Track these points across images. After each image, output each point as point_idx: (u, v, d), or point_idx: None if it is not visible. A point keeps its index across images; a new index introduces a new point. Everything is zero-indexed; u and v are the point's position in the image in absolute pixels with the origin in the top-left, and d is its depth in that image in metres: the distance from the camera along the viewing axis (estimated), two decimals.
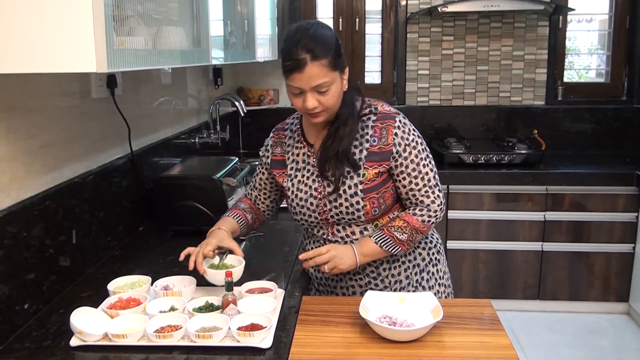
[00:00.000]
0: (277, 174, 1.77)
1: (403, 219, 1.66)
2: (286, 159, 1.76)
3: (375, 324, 1.41)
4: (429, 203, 1.67)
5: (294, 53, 1.50)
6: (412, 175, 1.65)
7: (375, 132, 1.64)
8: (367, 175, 1.63)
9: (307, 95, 1.54)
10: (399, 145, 1.63)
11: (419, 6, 3.95)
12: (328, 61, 1.51)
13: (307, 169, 1.71)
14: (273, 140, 1.81)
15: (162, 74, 2.61)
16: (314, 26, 1.55)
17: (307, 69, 1.50)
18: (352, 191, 1.63)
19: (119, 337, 1.36)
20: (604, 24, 4.10)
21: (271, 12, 3.45)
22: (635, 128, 3.96)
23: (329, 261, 1.61)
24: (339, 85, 1.57)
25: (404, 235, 1.65)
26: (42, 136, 1.65)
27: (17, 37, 1.17)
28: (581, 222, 3.51)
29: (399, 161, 1.64)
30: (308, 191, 1.69)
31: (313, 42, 1.50)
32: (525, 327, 3.49)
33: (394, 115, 1.66)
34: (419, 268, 1.78)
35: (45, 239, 1.61)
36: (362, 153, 1.64)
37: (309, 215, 1.70)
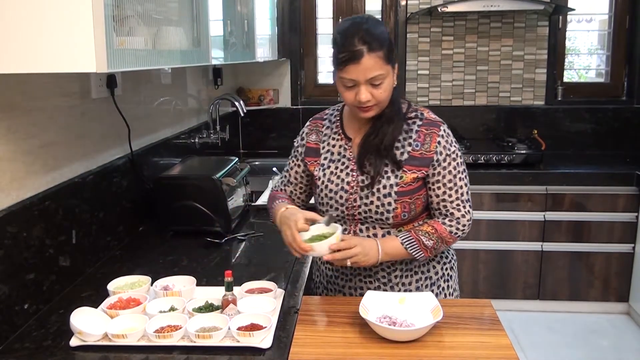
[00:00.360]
0: (309, 161, 1.76)
1: (431, 226, 1.65)
2: (320, 147, 1.75)
3: (375, 324, 1.41)
4: (459, 216, 1.67)
5: (351, 44, 1.50)
6: (448, 186, 1.65)
7: (419, 137, 1.64)
8: (405, 179, 1.62)
9: (361, 87, 1.54)
10: (440, 154, 1.63)
11: (418, 6, 3.95)
12: (383, 54, 1.51)
13: (342, 162, 1.70)
14: (309, 128, 1.80)
15: (162, 74, 2.61)
16: (370, 20, 1.56)
17: (363, 60, 1.50)
18: (387, 191, 1.61)
19: (118, 337, 1.37)
20: (603, 24, 4.10)
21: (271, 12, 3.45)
22: (635, 128, 3.96)
23: (354, 256, 1.56)
24: (391, 79, 1.58)
25: (430, 241, 1.63)
26: (42, 136, 1.65)
27: (17, 37, 1.17)
28: (581, 222, 3.51)
29: (437, 170, 1.63)
30: (340, 184, 1.67)
31: (370, 35, 1.50)
32: (525, 327, 3.49)
33: (439, 124, 1.66)
34: (431, 281, 1.75)
35: (45, 239, 1.61)
36: (403, 155, 1.63)
37: (336, 209, 1.68)
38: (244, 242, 2.16)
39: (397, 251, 1.63)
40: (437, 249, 1.66)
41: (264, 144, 4.19)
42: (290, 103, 4.18)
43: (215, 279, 1.78)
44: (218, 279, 1.78)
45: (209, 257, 2.00)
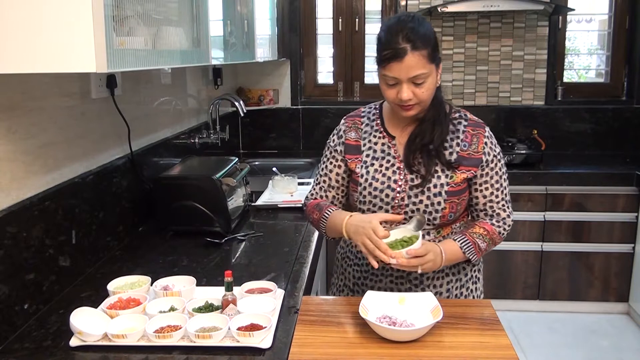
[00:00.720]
0: (349, 159, 1.72)
1: (483, 227, 1.66)
2: (361, 144, 1.72)
3: (375, 324, 1.41)
4: (504, 217, 1.68)
5: (394, 42, 1.50)
6: (495, 187, 1.66)
7: (466, 137, 1.64)
8: (456, 179, 1.62)
9: (403, 86, 1.54)
10: (488, 154, 1.64)
11: (418, 6, 3.95)
12: (427, 52, 1.52)
13: (387, 160, 1.68)
14: (346, 126, 1.76)
15: (161, 74, 2.61)
16: (415, 18, 1.55)
17: (406, 58, 1.50)
18: (437, 190, 1.61)
19: (118, 337, 1.36)
20: (603, 24, 4.11)
21: (271, 12, 3.45)
22: (635, 128, 3.97)
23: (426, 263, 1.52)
24: (434, 79, 1.58)
25: (484, 243, 1.64)
26: (41, 136, 1.65)
27: (17, 37, 1.17)
28: (581, 222, 3.51)
29: (486, 171, 1.64)
30: (386, 182, 1.65)
31: (414, 33, 1.50)
32: (525, 327, 3.49)
33: (483, 125, 1.68)
34: (460, 283, 1.75)
35: (45, 239, 1.61)
36: (452, 155, 1.63)
37: (380, 207, 1.66)
38: (243, 242, 2.16)
39: (456, 256, 1.63)
40: (488, 250, 1.67)
41: (264, 144, 4.19)
42: (290, 103, 4.18)
43: (215, 279, 1.78)
44: (218, 279, 1.78)
45: (208, 257, 2.00)
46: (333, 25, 4.16)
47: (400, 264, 1.48)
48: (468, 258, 1.64)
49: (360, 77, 4.21)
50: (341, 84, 4.22)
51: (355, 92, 4.21)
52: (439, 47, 1.60)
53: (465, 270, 1.75)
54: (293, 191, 2.74)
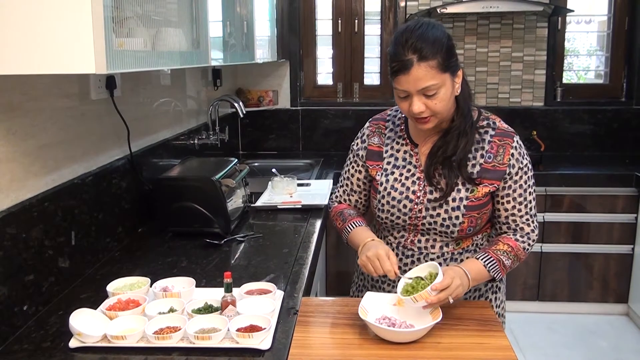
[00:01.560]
0: (370, 165, 1.68)
1: (507, 244, 1.58)
2: (383, 151, 1.68)
3: (374, 325, 1.41)
4: (529, 231, 1.61)
5: (400, 54, 1.44)
6: (518, 200, 1.59)
7: (492, 148, 1.58)
8: (476, 193, 1.57)
9: (414, 98, 1.47)
10: (513, 167, 1.57)
11: (418, 7, 3.95)
12: (437, 62, 1.43)
13: (408, 169, 1.63)
14: (370, 130, 1.72)
15: (161, 75, 2.61)
16: (423, 25, 1.47)
17: (413, 70, 1.43)
18: (456, 204, 1.56)
19: (118, 338, 1.36)
20: (603, 25, 4.11)
21: (270, 13, 3.45)
22: (634, 129, 3.97)
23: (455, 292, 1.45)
24: (450, 88, 1.49)
25: (509, 260, 1.58)
26: (41, 137, 1.65)
27: (16, 38, 1.17)
28: (580, 223, 3.51)
29: (509, 183, 1.58)
30: (404, 192, 1.61)
31: (420, 42, 1.42)
32: (524, 328, 3.49)
33: (513, 135, 1.60)
34: (479, 292, 1.71)
35: (45, 240, 1.61)
36: (474, 168, 1.57)
37: (397, 217, 1.63)
38: (243, 243, 2.16)
39: (482, 275, 1.56)
40: (513, 267, 1.61)
41: (264, 145, 4.19)
42: (289, 104, 4.18)
43: (214, 280, 1.78)
44: (217, 280, 1.78)
45: (208, 258, 2.00)
46: (332, 26, 4.17)
47: (431, 303, 1.41)
48: (493, 277, 1.58)
49: (359, 78, 4.22)
50: (340, 85, 4.22)
51: (354, 93, 4.21)
52: (453, 53, 1.49)
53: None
54: (292, 192, 2.74)
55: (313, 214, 2.48)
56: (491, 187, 1.57)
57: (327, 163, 3.69)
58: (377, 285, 1.80)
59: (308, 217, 2.44)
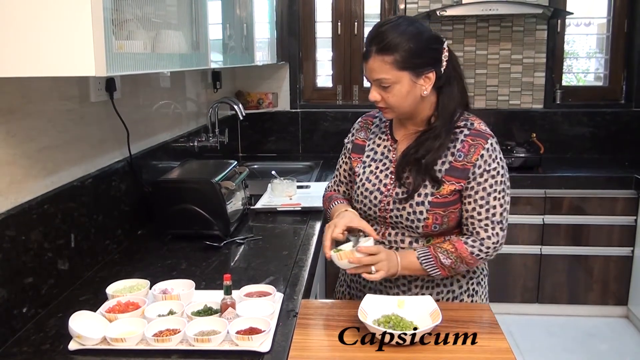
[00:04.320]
0: (354, 157, 1.76)
1: (453, 244, 1.59)
2: (366, 145, 1.74)
3: (374, 327, 1.41)
4: (484, 237, 1.58)
5: (367, 42, 1.53)
6: (479, 203, 1.58)
7: (463, 146, 1.58)
8: (442, 190, 1.57)
9: (372, 86, 1.56)
10: (479, 167, 1.57)
11: (417, 10, 3.96)
12: (393, 58, 1.49)
13: (384, 163, 1.68)
14: (360, 125, 1.80)
15: (160, 78, 2.61)
16: (399, 21, 1.53)
17: (370, 60, 1.52)
18: (420, 200, 1.58)
19: (117, 340, 1.36)
20: (602, 27, 4.11)
21: (270, 15, 3.46)
22: (634, 131, 3.97)
23: (378, 262, 1.53)
24: (406, 87, 1.52)
25: (448, 260, 1.57)
26: (41, 140, 1.65)
27: (16, 41, 1.17)
28: (580, 225, 3.52)
29: (472, 184, 1.57)
30: (377, 184, 1.66)
31: (384, 36, 1.49)
32: (524, 331, 3.49)
33: (488, 137, 1.60)
34: (453, 295, 1.71)
35: (44, 243, 1.61)
36: (443, 165, 1.58)
37: (369, 208, 1.67)
38: (242, 245, 2.16)
39: (413, 266, 1.59)
40: (455, 268, 1.59)
41: (263, 147, 4.19)
42: (289, 106, 4.18)
43: (214, 283, 1.78)
44: (217, 282, 1.78)
45: (207, 260, 2.00)
46: (332, 28, 4.17)
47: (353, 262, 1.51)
48: (429, 273, 1.59)
49: (359, 80, 4.22)
50: (340, 87, 4.22)
51: (354, 96, 4.21)
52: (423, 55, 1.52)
53: (459, 282, 1.72)
54: (292, 194, 2.74)
55: (313, 217, 2.48)
56: (457, 186, 1.58)
57: (326, 165, 3.69)
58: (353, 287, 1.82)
59: (308, 220, 2.44)
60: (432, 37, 1.56)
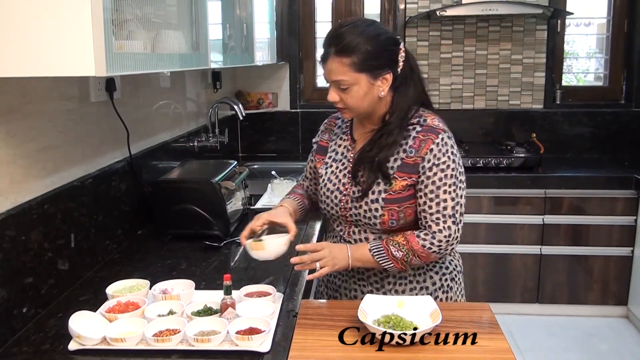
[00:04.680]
0: (317, 159, 1.79)
1: (405, 237, 1.59)
2: (329, 146, 1.77)
3: (374, 327, 1.41)
4: (435, 230, 1.58)
5: (325, 44, 1.55)
6: (429, 197, 1.58)
7: (415, 142, 1.59)
8: (394, 186, 1.59)
9: (331, 87, 1.58)
10: (428, 161, 1.57)
11: (417, 10, 3.96)
12: (351, 60, 1.51)
13: (343, 163, 1.71)
14: (325, 127, 1.83)
15: (160, 78, 2.61)
16: (358, 23, 1.55)
17: (328, 62, 1.54)
18: (374, 197, 1.60)
19: (117, 341, 1.36)
20: (602, 27, 4.11)
21: (270, 16, 3.46)
22: (634, 131, 3.97)
23: (322, 259, 1.58)
24: (364, 88, 1.54)
25: (399, 252, 1.57)
26: (40, 140, 1.65)
27: (16, 41, 1.17)
28: (580, 225, 3.51)
29: (422, 178, 1.58)
30: (337, 184, 1.69)
31: (342, 38, 1.51)
32: (524, 331, 3.49)
33: (439, 132, 1.59)
34: (427, 291, 1.71)
35: (44, 243, 1.61)
36: (395, 162, 1.60)
37: (332, 207, 1.70)
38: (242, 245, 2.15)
39: (366, 258, 1.61)
40: (408, 261, 1.59)
41: (263, 147, 4.19)
42: (289, 106, 4.18)
43: (214, 283, 1.78)
44: (217, 282, 1.78)
45: (207, 260, 2.00)
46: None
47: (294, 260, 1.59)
48: (382, 265, 1.60)
49: None
50: None
51: None
52: (381, 57, 1.54)
53: (432, 279, 1.72)
54: None
55: (312, 216, 2.48)
56: (409, 181, 1.60)
57: None
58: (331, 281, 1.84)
59: (307, 220, 2.44)
60: (389, 39, 1.58)
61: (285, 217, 1.66)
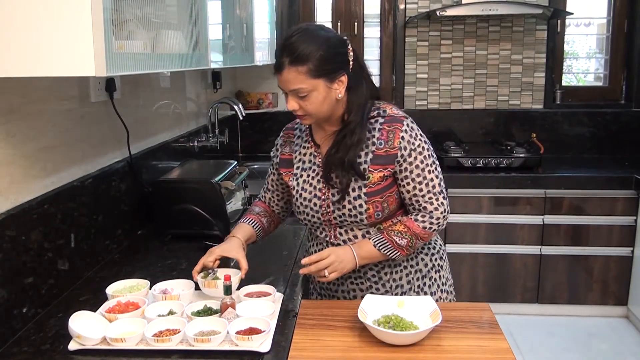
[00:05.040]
0: (284, 172, 1.77)
1: (404, 224, 1.65)
2: (293, 158, 1.75)
3: (374, 327, 1.41)
4: (431, 210, 1.65)
5: (278, 54, 1.53)
6: (417, 180, 1.63)
7: (382, 134, 1.62)
8: (372, 179, 1.61)
9: (289, 97, 1.57)
10: (404, 149, 1.61)
11: (417, 10, 3.96)
12: (307, 68, 1.50)
13: (313, 169, 1.70)
14: (283, 140, 1.81)
15: (160, 78, 2.61)
16: (306, 30, 1.55)
17: (284, 72, 1.52)
18: (356, 194, 1.62)
19: (117, 341, 1.36)
20: (602, 27, 4.11)
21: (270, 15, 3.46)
22: (634, 131, 3.97)
23: (329, 265, 1.59)
24: (323, 93, 1.55)
25: (404, 240, 1.63)
26: (40, 140, 1.65)
27: (16, 41, 1.17)
28: (580, 225, 3.51)
29: (404, 166, 1.62)
30: (313, 191, 1.69)
31: (294, 47, 1.50)
32: (524, 331, 3.49)
33: (402, 119, 1.63)
34: (421, 274, 1.76)
35: (44, 243, 1.61)
36: (367, 156, 1.62)
37: (312, 216, 1.70)
38: None
39: (372, 254, 1.64)
40: (412, 246, 1.65)
41: (263, 147, 4.18)
42: None
43: None
44: None
45: None
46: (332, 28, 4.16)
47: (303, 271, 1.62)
48: (388, 256, 1.64)
49: None
50: None
51: None
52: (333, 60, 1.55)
53: (424, 261, 1.77)
54: None
55: None
56: (385, 172, 1.62)
57: None
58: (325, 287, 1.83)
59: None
60: (339, 41, 1.60)
61: (238, 252, 1.66)
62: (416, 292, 1.75)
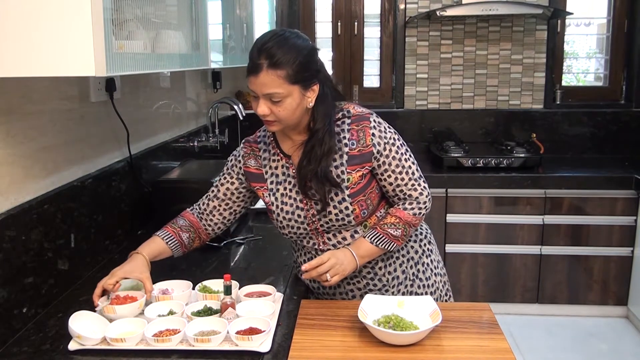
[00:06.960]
0: (255, 187, 1.73)
1: (394, 215, 1.67)
2: (264, 172, 1.71)
3: (374, 327, 1.41)
4: (417, 196, 1.68)
5: (254, 56, 1.49)
6: (397, 171, 1.65)
7: (352, 135, 1.62)
8: (352, 180, 1.61)
9: (260, 100, 1.53)
10: (378, 145, 1.61)
11: (417, 10, 3.96)
12: (286, 73, 1.48)
13: (289, 181, 1.68)
14: (245, 152, 1.76)
15: (160, 78, 2.61)
16: (286, 35, 1.52)
17: (261, 75, 1.48)
18: (340, 197, 1.61)
19: (117, 341, 1.36)
20: (602, 27, 4.11)
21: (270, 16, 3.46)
22: (634, 131, 3.97)
23: (330, 269, 1.59)
24: (297, 100, 1.52)
25: (398, 230, 1.66)
26: (41, 140, 1.65)
27: (16, 41, 1.17)
28: (580, 225, 3.51)
29: (382, 160, 1.63)
30: (294, 203, 1.66)
31: (275, 50, 1.47)
32: (524, 331, 3.49)
33: (368, 116, 1.64)
34: (414, 261, 1.78)
35: (44, 243, 1.61)
36: (342, 158, 1.61)
37: (297, 228, 1.68)
38: (242, 245, 2.16)
39: (371, 251, 1.66)
40: (406, 234, 1.68)
41: None
42: None
43: None
44: None
45: (207, 261, 2.00)
46: (332, 28, 4.17)
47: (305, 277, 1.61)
48: (386, 249, 1.67)
49: (359, 80, 4.22)
50: (340, 87, 4.20)
51: (354, 96, 4.21)
52: (309, 68, 1.53)
53: (414, 248, 1.79)
54: None
55: None
56: (364, 170, 1.63)
57: None
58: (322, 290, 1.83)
59: None
60: (314, 49, 1.58)
61: (142, 273, 1.56)
62: (412, 280, 1.76)
